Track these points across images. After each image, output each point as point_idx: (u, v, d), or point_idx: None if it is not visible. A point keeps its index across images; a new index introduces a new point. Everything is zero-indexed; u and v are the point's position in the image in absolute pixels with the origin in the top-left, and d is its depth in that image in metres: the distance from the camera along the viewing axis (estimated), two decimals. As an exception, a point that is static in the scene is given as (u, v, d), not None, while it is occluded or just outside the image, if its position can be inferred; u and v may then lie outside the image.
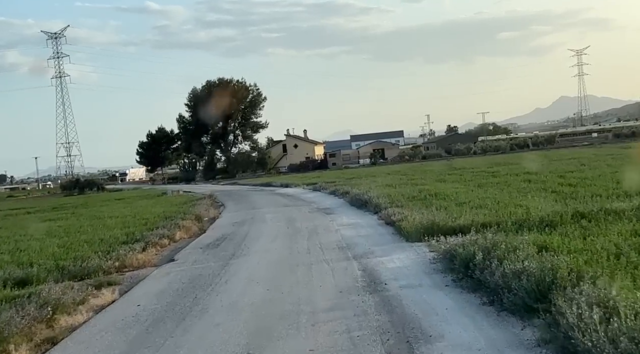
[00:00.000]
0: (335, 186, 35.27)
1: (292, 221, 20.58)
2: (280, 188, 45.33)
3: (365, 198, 23.20)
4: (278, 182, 49.40)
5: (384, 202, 21.07)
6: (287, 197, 34.49)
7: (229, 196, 40.17)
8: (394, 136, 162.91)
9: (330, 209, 24.07)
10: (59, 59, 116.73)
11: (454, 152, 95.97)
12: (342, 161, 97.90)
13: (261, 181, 56.36)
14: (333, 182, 41.59)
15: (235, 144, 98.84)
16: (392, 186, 29.34)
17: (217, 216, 25.93)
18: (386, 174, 48.54)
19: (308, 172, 78.52)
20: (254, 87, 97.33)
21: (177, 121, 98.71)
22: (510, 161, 49.35)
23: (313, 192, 35.98)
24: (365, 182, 36.43)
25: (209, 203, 32.88)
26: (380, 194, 23.62)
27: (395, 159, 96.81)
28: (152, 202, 37.33)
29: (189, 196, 43.48)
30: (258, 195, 39.42)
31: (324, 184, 37.74)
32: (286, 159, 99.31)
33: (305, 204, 28.08)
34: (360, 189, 28.87)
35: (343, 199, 27.85)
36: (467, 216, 14.10)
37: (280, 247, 14.84)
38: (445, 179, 31.53)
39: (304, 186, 42.33)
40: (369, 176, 46.30)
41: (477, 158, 71.21)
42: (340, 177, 50.26)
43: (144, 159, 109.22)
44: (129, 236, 17.61)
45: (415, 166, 61.51)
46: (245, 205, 30.48)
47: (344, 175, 53.90)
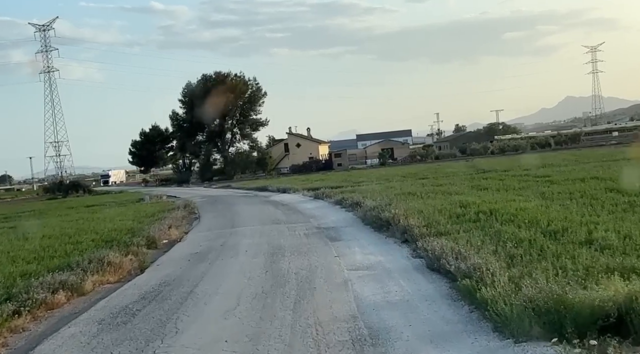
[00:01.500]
0: (341, 192, 28.17)
1: (278, 254, 13.50)
2: (276, 194, 38.23)
3: (387, 216, 16.11)
4: (275, 187, 42.31)
5: (416, 225, 14.02)
6: (281, 207, 27.42)
7: (212, 205, 33.15)
8: (402, 135, 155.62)
9: (335, 231, 17.00)
10: (47, 52, 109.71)
11: (469, 152, 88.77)
12: (348, 162, 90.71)
13: (257, 185, 49.31)
14: (339, 187, 34.53)
15: (233, 143, 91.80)
16: (416, 195, 22.27)
17: (180, 239, 18.89)
18: (401, 177, 41.42)
19: (311, 174, 71.45)
20: (253, 81, 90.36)
21: (170, 118, 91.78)
22: (546, 161, 42.14)
23: (314, 201, 28.87)
24: (378, 188, 29.32)
25: (181, 216, 25.85)
26: (406, 210, 16.56)
27: (406, 160, 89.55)
28: (118, 212, 30.32)
29: (167, 203, 36.46)
30: (247, 203, 32.35)
31: (327, 191, 30.63)
32: (288, 159, 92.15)
33: (302, 219, 21.01)
34: (375, 198, 21.82)
35: (353, 214, 20.79)
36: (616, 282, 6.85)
37: (235, 336, 7.61)
38: (484, 186, 24.33)
39: (304, 192, 35.29)
40: (381, 180, 39.21)
41: (499, 158, 63.79)
42: (347, 180, 43.16)
43: (136, 159, 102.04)
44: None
45: (432, 167, 54.28)
46: (225, 220, 23.41)
47: (351, 177, 46.81)
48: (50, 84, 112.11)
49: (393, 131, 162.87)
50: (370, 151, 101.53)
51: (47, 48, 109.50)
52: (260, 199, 34.60)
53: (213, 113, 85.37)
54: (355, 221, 18.96)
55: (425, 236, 12.65)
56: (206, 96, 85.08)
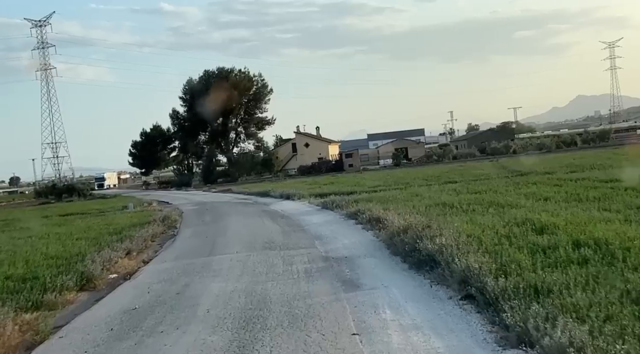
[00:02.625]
0: (355, 201, 22.74)
1: (256, 323, 8.10)
2: (278, 201, 32.87)
3: (430, 248, 10.66)
4: (278, 192, 36.90)
5: (482, 266, 8.63)
6: (280, 221, 22.03)
7: (200, 216, 27.85)
8: (415, 134, 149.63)
9: (351, 266, 11.61)
10: (44, 49, 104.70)
11: (489, 151, 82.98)
12: (359, 162, 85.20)
13: (259, 189, 43.95)
14: (352, 193, 29.16)
15: (238, 143, 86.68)
16: (454, 207, 16.88)
17: (132, 274, 13.59)
18: (422, 180, 35.93)
19: (320, 176, 66.06)
20: (258, 77, 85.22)
21: (170, 116, 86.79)
22: (589, 161, 36.50)
23: (322, 213, 23.45)
24: (401, 196, 23.89)
25: (155, 233, 20.59)
26: (456, 236, 11.15)
27: (422, 160, 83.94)
28: (84, 226, 25.09)
29: (151, 212, 31.21)
30: (242, 214, 27.00)
31: (338, 199, 25.19)
32: (296, 159, 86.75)
33: (304, 242, 15.62)
34: (400, 211, 16.47)
35: (373, 234, 15.42)
36: None
37: None
38: (540, 194, 18.78)
39: (310, 199, 29.94)
40: (399, 183, 33.77)
41: (526, 158, 57.90)
42: (361, 184, 37.74)
43: (137, 161, 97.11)
44: None
45: (454, 168, 48.66)
46: (204, 241, 18.06)
47: (364, 181, 41.38)
48: (47, 83, 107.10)
49: (405, 130, 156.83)
50: (383, 150, 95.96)
51: (43, 45, 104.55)
52: (259, 208, 29.24)
53: (216, 111, 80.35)
54: (377, 248, 13.57)
55: (511, 294, 7.25)
56: (208, 93, 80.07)
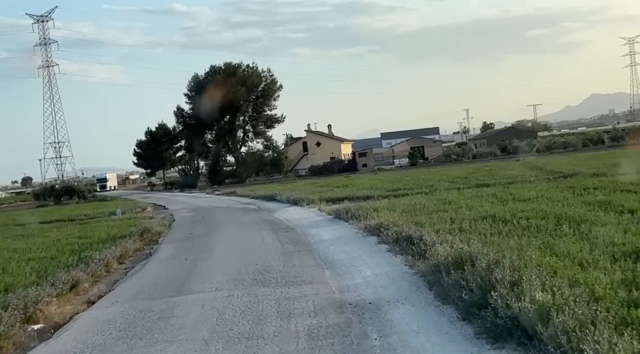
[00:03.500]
0: (376, 211, 18.52)
1: None
2: (283, 207, 28.72)
3: (527, 317, 6.45)
4: (285, 196, 32.67)
5: None
6: (283, 235, 17.87)
7: (190, 226, 23.77)
8: (429, 133, 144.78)
9: (382, 327, 7.42)
10: (46, 45, 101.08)
11: (512, 150, 78.31)
12: (374, 162, 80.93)
13: (265, 192, 39.77)
14: (369, 197, 25.00)
15: (245, 142, 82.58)
16: (510, 222, 12.67)
17: (63, 323, 9.50)
18: (448, 182, 31.61)
19: (333, 177, 61.89)
20: (267, 73, 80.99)
21: (175, 114, 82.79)
22: (632, 161, 31.98)
23: (334, 225, 19.24)
24: (430, 204, 19.63)
25: (127, 251, 16.54)
26: (562, 293, 6.94)
27: (440, 159, 79.48)
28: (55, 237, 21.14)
29: (137, 220, 27.16)
30: (238, 225, 22.84)
31: (354, 206, 20.96)
32: (307, 159, 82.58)
33: (311, 273, 11.42)
34: (443, 229, 12.32)
35: (403, 261, 11.21)
36: None
37: None
38: (630, 207, 14.30)
39: (321, 205, 25.79)
40: (422, 186, 29.52)
41: (556, 157, 53.28)
42: (378, 187, 33.51)
43: (142, 161, 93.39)
44: None
45: (479, 168, 44.15)
46: (184, 264, 13.97)
47: (381, 183, 37.13)
48: (50, 80, 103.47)
49: (420, 129, 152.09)
50: (398, 149, 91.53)
51: (45, 40, 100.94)
52: (261, 217, 25.09)
53: (222, 108, 76.40)
54: (414, 285, 9.36)
55: None
56: (215, 89, 76.04)
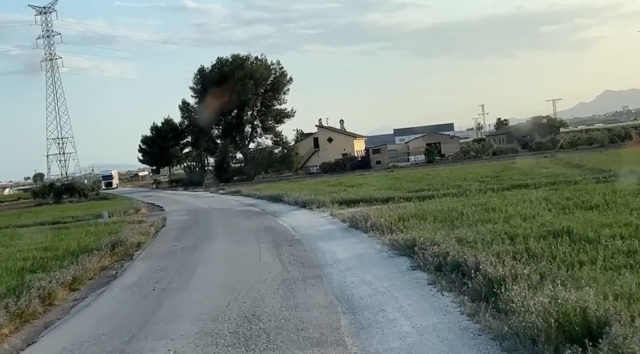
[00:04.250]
0: (403, 221, 14.80)
1: None
2: (291, 210, 25.05)
3: None
4: (293, 197, 28.91)
5: None
6: (286, 251, 14.19)
7: (179, 236, 20.16)
8: (444, 129, 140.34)
9: None
10: (49, 38, 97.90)
11: (535, 146, 74.19)
12: (388, 159, 77.14)
13: (271, 191, 36.09)
14: (389, 199, 21.32)
15: (254, 138, 78.91)
16: (608, 248, 8.95)
17: None
18: (476, 181, 27.73)
19: (345, 174, 58.18)
20: (276, 65, 77.21)
21: (180, 108, 79.31)
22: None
23: (350, 235, 15.51)
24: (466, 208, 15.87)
25: (81, 275, 13.00)
26: None
27: (458, 156, 75.46)
28: (14, 250, 17.63)
29: (120, 223, 23.61)
30: (235, 235, 19.17)
31: (373, 211, 17.24)
32: (318, 156, 78.86)
33: (320, 324, 7.76)
34: (503, 253, 8.64)
35: (456, 306, 7.53)
36: None
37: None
38: None
39: (333, 208, 22.14)
40: (449, 187, 25.72)
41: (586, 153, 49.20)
42: (397, 186, 29.77)
43: (147, 158, 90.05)
44: None
45: (506, 166, 40.06)
46: (145, 300, 10.36)
47: (401, 182, 33.35)
48: (53, 73, 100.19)
49: (434, 125, 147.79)
50: (414, 146, 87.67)
51: (49, 33, 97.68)
52: (262, 223, 21.44)
53: (230, 103, 72.87)
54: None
55: None
56: (221, 82, 72.60)
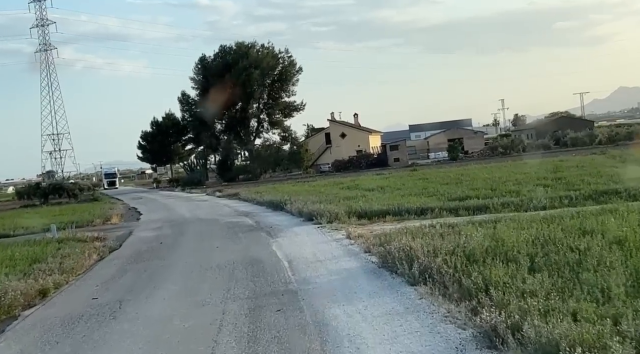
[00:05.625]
0: (474, 262, 8.38)
1: None
2: (292, 225, 18.61)
3: None
4: (297, 206, 22.22)
5: None
6: (272, 318, 7.84)
7: (114, 277, 13.78)
8: (461, 125, 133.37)
9: None
10: (43, 27, 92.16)
11: (570, 142, 67.23)
12: (407, 156, 70.58)
13: (273, 196, 29.60)
14: (425, 211, 14.93)
15: (260, 133, 72.58)
16: None
17: None
18: (534, 184, 21.09)
19: (361, 173, 51.71)
20: (284, 54, 70.81)
21: (179, 101, 73.07)
22: None
23: (388, 293, 9.06)
24: (570, 237, 9.36)
25: None
26: None
27: (484, 153, 68.62)
28: None
29: (51, 249, 17.32)
30: (199, 276, 12.74)
31: (420, 250, 10.85)
32: (330, 152, 72.44)
33: None
34: None
35: None
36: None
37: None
38: None
39: (350, 226, 15.75)
40: (503, 193, 19.16)
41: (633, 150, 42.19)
42: (430, 190, 23.24)
43: (146, 155, 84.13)
44: None
45: (558, 164, 33.02)
46: None
47: (431, 184, 26.78)
48: (48, 65, 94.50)
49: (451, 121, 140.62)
50: (434, 142, 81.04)
51: (43, 21, 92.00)
52: (246, 251, 14.96)
53: (234, 94, 66.61)
54: None
55: None
56: (225, 72, 66.38)
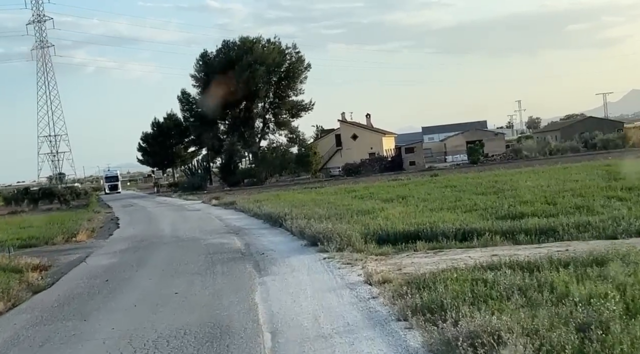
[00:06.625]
0: None
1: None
2: (290, 253, 13.79)
3: None
4: (300, 223, 17.41)
5: None
6: None
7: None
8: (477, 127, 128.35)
9: None
10: (40, 23, 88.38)
11: (599, 144, 62.12)
12: (424, 159, 65.73)
13: (274, 206, 24.88)
14: (469, 233, 10.72)
15: (265, 134, 67.96)
16: None
17: None
18: (606, 197, 16.23)
19: (374, 178, 46.94)
20: (292, 50, 66.18)
21: (179, 100, 68.62)
22: None
23: None
24: None
25: None
26: None
27: (507, 156, 63.60)
28: None
29: None
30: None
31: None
32: (340, 155, 67.68)
33: None
34: None
35: None
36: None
37: None
38: None
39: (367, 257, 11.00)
40: (576, 211, 14.31)
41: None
42: (465, 202, 18.39)
43: (147, 157, 79.82)
44: None
45: (607, 170, 27.98)
46: None
47: (464, 195, 21.93)
48: (45, 63, 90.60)
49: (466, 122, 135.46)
50: (451, 144, 76.02)
51: (39, 18, 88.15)
52: (220, 295, 10.15)
53: (237, 93, 62.10)
54: None
55: None
56: (228, 69, 61.85)
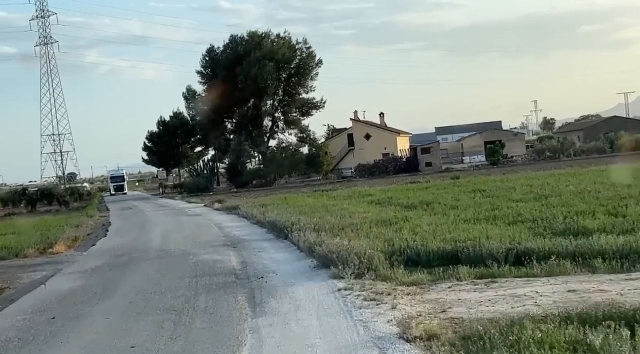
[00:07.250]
0: None
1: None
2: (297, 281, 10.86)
3: None
4: (308, 238, 14.51)
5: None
6: None
7: None
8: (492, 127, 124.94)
9: None
10: (44, 19, 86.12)
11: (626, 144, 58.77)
12: (440, 160, 62.67)
13: (281, 213, 22.00)
14: (524, 257, 7.66)
15: (275, 134, 65.19)
16: None
17: None
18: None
19: (389, 180, 43.93)
20: (303, 45, 63.36)
21: (184, 97, 66.08)
22: None
23: None
24: None
25: None
26: None
27: (530, 157, 60.42)
28: None
29: None
30: None
31: None
32: (353, 156, 64.72)
33: None
34: None
35: None
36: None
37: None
38: None
39: (399, 291, 8.09)
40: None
41: None
42: (503, 211, 15.33)
43: (152, 157, 77.29)
44: None
45: None
46: None
47: (497, 202, 18.90)
48: (48, 60, 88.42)
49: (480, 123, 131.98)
50: (469, 144, 73.03)
51: (43, 13, 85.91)
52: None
53: (245, 91, 59.35)
54: None
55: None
56: (235, 65, 59.15)
